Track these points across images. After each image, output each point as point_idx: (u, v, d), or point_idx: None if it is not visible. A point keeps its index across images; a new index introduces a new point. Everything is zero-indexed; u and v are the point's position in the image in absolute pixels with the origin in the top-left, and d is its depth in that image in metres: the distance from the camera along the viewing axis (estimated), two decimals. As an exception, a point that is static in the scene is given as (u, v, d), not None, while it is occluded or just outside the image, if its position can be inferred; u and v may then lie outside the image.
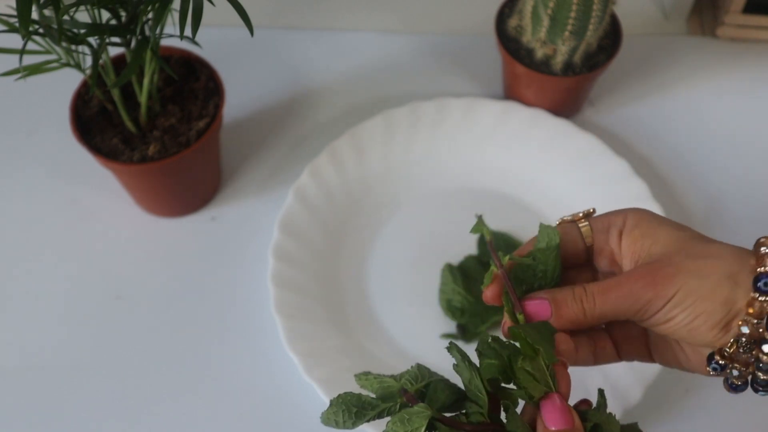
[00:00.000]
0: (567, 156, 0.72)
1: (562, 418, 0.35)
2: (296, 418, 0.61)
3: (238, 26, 0.51)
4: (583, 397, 0.40)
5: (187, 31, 0.48)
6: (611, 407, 0.58)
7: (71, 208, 0.71)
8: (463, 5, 0.86)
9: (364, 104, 0.78)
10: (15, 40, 0.52)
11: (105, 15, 0.55)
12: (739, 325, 0.36)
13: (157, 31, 0.54)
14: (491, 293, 0.41)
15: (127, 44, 0.57)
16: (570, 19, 0.65)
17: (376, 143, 0.73)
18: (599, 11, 0.65)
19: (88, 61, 0.67)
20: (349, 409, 0.38)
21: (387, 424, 0.36)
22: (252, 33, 0.50)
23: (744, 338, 0.36)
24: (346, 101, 0.79)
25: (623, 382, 0.59)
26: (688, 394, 0.62)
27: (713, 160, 0.75)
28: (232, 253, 0.69)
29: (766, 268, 0.35)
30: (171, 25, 0.74)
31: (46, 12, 0.51)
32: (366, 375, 0.39)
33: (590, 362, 0.43)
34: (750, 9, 0.79)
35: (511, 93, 0.76)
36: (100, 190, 0.72)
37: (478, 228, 0.42)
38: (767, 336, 0.35)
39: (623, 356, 0.44)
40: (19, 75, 0.54)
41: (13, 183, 0.73)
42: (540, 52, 0.71)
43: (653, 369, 0.59)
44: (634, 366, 0.60)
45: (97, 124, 0.64)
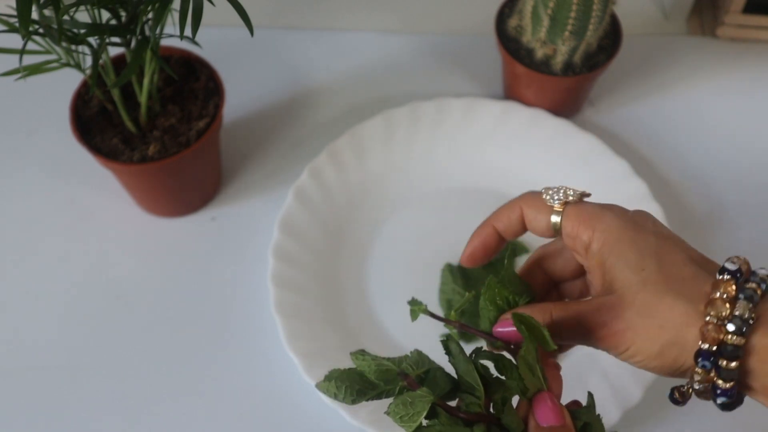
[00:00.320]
0: (567, 156, 0.72)
1: (554, 416, 0.36)
2: (296, 418, 0.61)
3: (238, 26, 0.51)
4: (579, 397, 0.40)
5: (187, 31, 0.48)
6: (611, 407, 0.58)
7: (71, 208, 0.71)
8: (463, 5, 0.86)
9: (364, 104, 0.78)
10: (15, 40, 0.52)
11: (105, 15, 0.55)
12: (689, 379, 0.37)
13: (157, 31, 0.54)
14: (470, 253, 0.44)
15: (127, 44, 0.57)
16: (570, 19, 0.65)
17: (376, 143, 0.73)
18: (599, 11, 0.65)
19: (88, 61, 0.67)
20: (351, 386, 0.38)
21: (389, 406, 0.37)
22: (252, 33, 0.50)
23: (697, 386, 0.37)
24: (346, 101, 0.79)
25: (623, 382, 0.59)
26: (688, 394, 0.62)
27: (713, 160, 0.75)
28: (232, 253, 0.69)
29: (704, 345, 0.35)
30: (171, 25, 0.74)
31: (46, 12, 0.51)
32: (362, 354, 0.39)
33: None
34: (750, 9, 0.79)
35: (511, 93, 0.76)
36: (100, 190, 0.72)
37: (415, 313, 0.43)
38: (718, 385, 0.36)
39: None
40: (19, 75, 0.54)
41: (13, 183, 0.73)
42: (540, 52, 0.71)
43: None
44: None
45: (97, 124, 0.64)
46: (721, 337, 0.34)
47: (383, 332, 0.65)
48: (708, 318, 0.35)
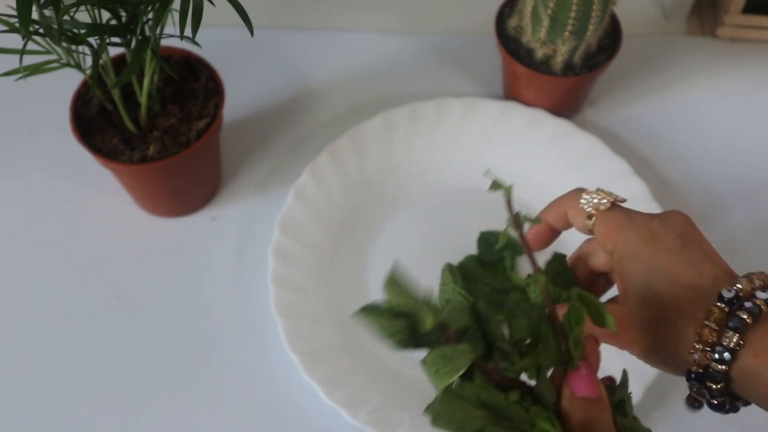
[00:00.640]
0: (567, 156, 0.72)
1: (590, 387, 0.35)
2: (296, 418, 0.61)
3: (238, 26, 0.51)
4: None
5: (187, 31, 0.48)
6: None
7: (71, 208, 0.71)
8: (463, 5, 0.86)
9: (364, 104, 0.78)
10: (15, 40, 0.52)
11: (105, 15, 0.55)
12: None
13: (157, 31, 0.54)
14: (534, 234, 0.47)
15: (127, 44, 0.57)
16: (570, 19, 0.65)
17: (376, 143, 0.73)
18: (599, 11, 0.65)
19: (88, 61, 0.67)
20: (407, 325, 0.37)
21: (427, 356, 0.35)
22: (252, 33, 0.50)
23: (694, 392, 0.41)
24: (346, 101, 0.79)
25: (623, 382, 0.59)
26: (688, 394, 0.62)
27: (713, 160, 0.75)
28: (232, 253, 0.69)
29: (692, 368, 0.38)
30: (171, 25, 0.74)
31: (46, 12, 0.51)
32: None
33: None
34: (750, 9, 0.79)
35: (511, 93, 0.76)
36: (100, 190, 0.72)
37: (497, 185, 0.39)
38: (709, 399, 0.40)
39: None
40: (19, 75, 0.54)
41: (13, 183, 0.73)
42: (540, 52, 0.71)
43: (653, 369, 0.59)
44: (634, 366, 0.59)
45: (97, 124, 0.64)
46: (707, 363, 0.37)
47: (383, 332, 0.65)
48: (696, 345, 0.38)
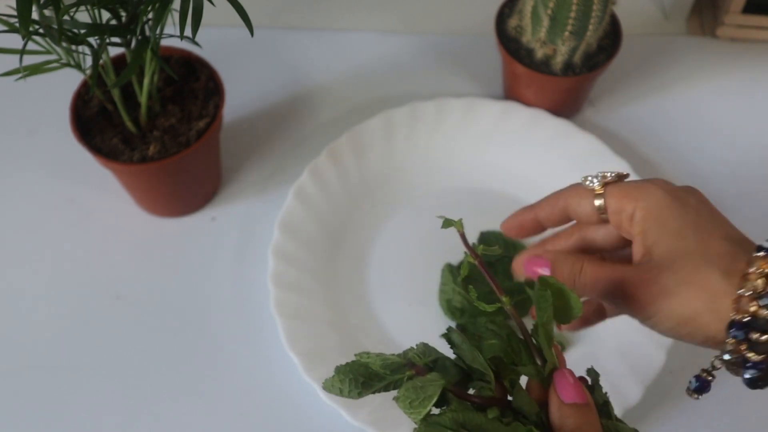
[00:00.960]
0: (567, 156, 0.72)
1: (577, 393, 0.36)
2: (296, 418, 0.61)
3: (238, 26, 0.51)
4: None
5: (187, 31, 0.48)
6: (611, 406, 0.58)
7: (71, 208, 0.71)
8: (463, 5, 0.86)
9: (364, 104, 0.78)
10: (15, 40, 0.52)
11: (105, 15, 0.55)
12: (721, 350, 0.37)
13: (157, 31, 0.54)
14: (508, 225, 0.46)
15: (127, 44, 0.57)
16: (570, 19, 0.65)
17: (376, 143, 0.73)
18: (599, 11, 0.65)
19: (88, 61, 0.67)
20: (356, 378, 0.36)
21: (399, 392, 0.35)
22: (252, 33, 0.50)
23: (725, 357, 0.38)
24: (346, 101, 0.79)
25: (623, 382, 0.59)
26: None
27: (713, 160, 0.75)
28: (232, 253, 0.69)
29: (737, 316, 0.36)
30: (171, 25, 0.74)
31: (46, 12, 0.51)
32: (366, 353, 0.37)
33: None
34: (750, 9, 0.79)
35: (511, 93, 0.76)
36: (100, 190, 0.72)
37: (448, 223, 0.42)
38: (748, 358, 0.36)
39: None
40: (19, 75, 0.54)
41: (13, 183, 0.73)
42: (540, 52, 0.71)
43: (653, 369, 0.60)
44: (634, 366, 0.60)
45: (97, 124, 0.64)
46: (754, 310, 0.35)
47: (383, 332, 0.65)
48: (741, 291, 0.36)
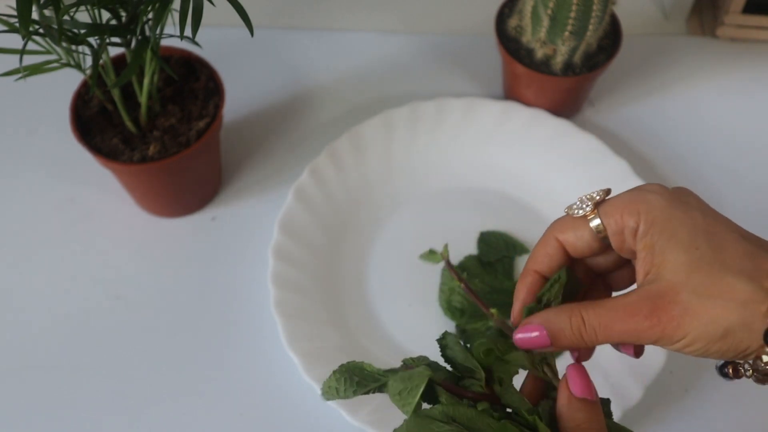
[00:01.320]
0: (567, 156, 0.72)
1: (588, 389, 0.35)
2: (296, 418, 0.61)
3: (238, 26, 0.51)
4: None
5: (187, 31, 0.48)
6: (611, 407, 0.58)
7: (71, 208, 0.71)
8: (463, 5, 0.86)
9: (364, 104, 0.78)
10: (15, 40, 0.52)
11: (105, 15, 0.55)
12: (753, 360, 0.34)
13: (157, 31, 0.54)
14: (518, 304, 0.40)
15: (127, 44, 0.57)
16: (570, 19, 0.65)
17: (376, 143, 0.73)
18: (599, 11, 0.65)
19: (88, 61, 0.67)
20: (351, 377, 0.37)
21: (388, 383, 0.36)
22: (252, 33, 0.50)
23: (757, 370, 0.35)
24: (346, 101, 0.79)
25: (623, 382, 0.59)
26: (688, 394, 0.62)
27: (713, 160, 0.75)
28: (232, 253, 0.69)
29: None
30: (171, 25, 0.74)
31: (47, 12, 0.51)
32: (369, 364, 0.39)
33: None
34: (750, 9, 0.79)
35: (511, 93, 0.76)
36: (100, 190, 0.72)
37: (432, 257, 0.42)
38: None
39: None
40: (19, 75, 0.54)
41: (13, 183, 0.73)
42: (540, 52, 0.71)
43: (653, 369, 0.60)
44: (634, 366, 0.60)
45: (97, 124, 0.64)
46: None
47: (383, 332, 0.65)
48: None
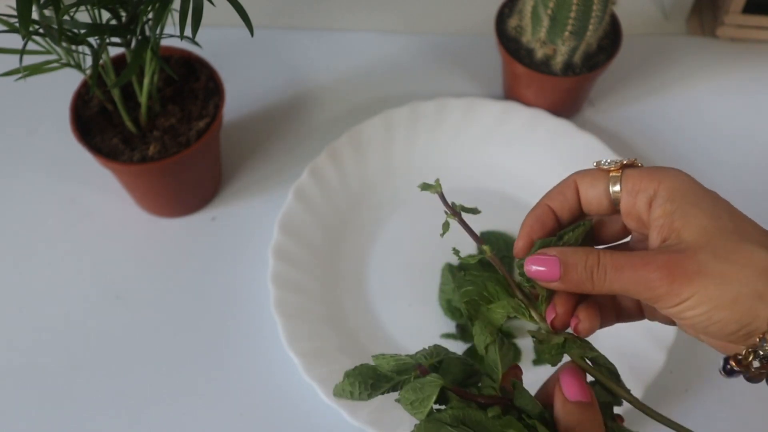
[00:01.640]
0: (567, 156, 0.72)
1: (582, 391, 0.35)
2: (296, 418, 0.61)
3: (238, 26, 0.51)
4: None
5: (187, 31, 0.48)
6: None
7: (71, 208, 0.71)
8: (463, 5, 0.86)
9: (364, 104, 0.78)
10: (15, 40, 0.52)
11: (105, 15, 0.55)
12: (759, 340, 0.33)
13: (157, 31, 0.54)
14: (526, 227, 0.40)
15: (127, 44, 0.57)
16: (570, 19, 0.65)
17: (376, 143, 0.73)
18: (599, 11, 0.65)
19: (88, 61, 0.67)
20: (365, 380, 0.38)
21: (399, 393, 0.37)
22: (252, 33, 0.50)
23: (762, 352, 0.33)
24: (346, 101, 0.79)
25: (623, 382, 0.59)
26: (687, 394, 0.62)
27: (713, 160, 0.75)
28: (232, 253, 0.69)
29: None
30: (171, 25, 0.74)
31: (47, 12, 0.51)
32: (382, 355, 0.39)
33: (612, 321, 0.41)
34: (750, 9, 0.79)
35: (511, 93, 0.76)
36: (100, 190, 0.72)
37: (426, 186, 0.42)
38: None
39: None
40: (19, 75, 0.54)
41: (13, 183, 0.73)
42: (540, 52, 0.71)
43: (653, 369, 0.60)
44: (635, 366, 0.60)
45: (97, 124, 0.64)
46: None
47: (383, 332, 0.65)
48: None
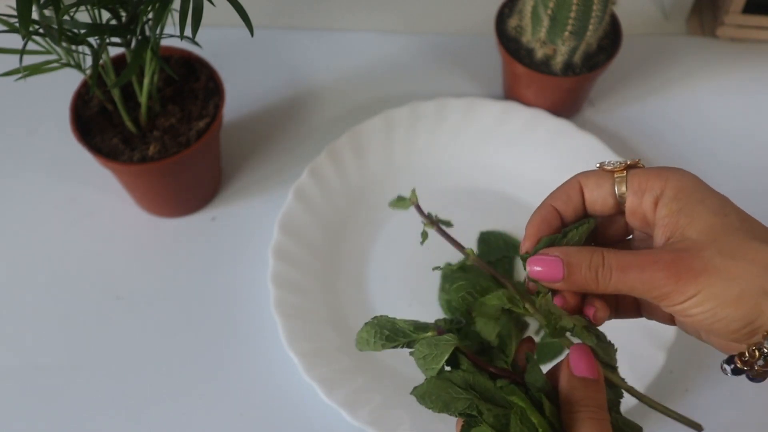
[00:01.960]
0: (567, 156, 0.72)
1: (589, 368, 0.35)
2: (296, 418, 0.61)
3: (238, 26, 0.51)
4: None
5: (187, 31, 0.48)
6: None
7: (71, 208, 0.71)
8: (463, 5, 0.86)
9: (364, 104, 0.78)
10: (15, 40, 0.52)
11: (105, 15, 0.55)
12: (764, 336, 0.33)
13: (157, 31, 0.54)
14: (531, 227, 0.40)
15: (127, 44, 0.57)
16: (570, 19, 0.65)
17: (376, 143, 0.73)
18: (599, 11, 0.65)
19: (88, 61, 0.67)
20: (381, 331, 0.38)
21: (415, 346, 0.37)
22: (252, 33, 0.50)
23: (766, 350, 0.33)
24: (346, 101, 0.79)
25: (623, 382, 0.59)
26: (688, 394, 0.62)
27: (713, 160, 0.75)
28: (232, 253, 0.69)
29: None
30: (171, 25, 0.74)
31: (47, 12, 0.51)
32: (404, 319, 0.39)
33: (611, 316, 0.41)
34: (750, 9, 0.79)
35: (511, 93, 0.76)
36: (100, 190, 0.72)
37: (400, 203, 0.43)
38: None
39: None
40: (19, 75, 0.54)
41: (13, 183, 0.73)
42: (540, 52, 0.71)
43: (653, 369, 0.60)
44: (635, 366, 0.60)
45: (97, 124, 0.64)
46: None
47: (383, 332, 0.65)
48: None
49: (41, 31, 0.52)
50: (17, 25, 0.46)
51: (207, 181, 0.70)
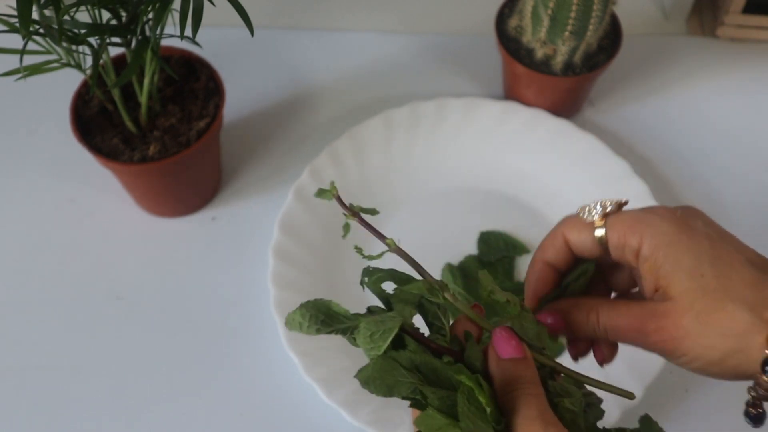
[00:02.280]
0: (567, 156, 0.72)
1: (513, 349, 0.36)
2: (296, 418, 0.61)
3: (238, 26, 0.51)
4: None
5: (188, 32, 0.48)
6: (611, 407, 0.58)
7: (71, 208, 0.71)
8: (463, 5, 0.86)
9: (364, 104, 0.78)
10: (15, 40, 0.52)
11: (105, 15, 0.55)
12: (753, 387, 0.36)
13: (158, 31, 0.54)
14: (530, 290, 0.42)
15: (127, 44, 0.57)
16: (570, 19, 0.65)
17: (376, 143, 0.73)
18: (599, 11, 0.65)
19: (89, 61, 0.67)
20: (316, 315, 0.37)
21: (359, 326, 0.36)
22: (252, 33, 0.50)
23: (758, 394, 0.36)
24: (346, 101, 0.79)
25: (623, 382, 0.59)
26: (688, 394, 0.62)
27: (713, 160, 0.75)
28: (232, 253, 0.69)
29: None
30: (171, 25, 0.74)
31: (47, 12, 0.51)
32: (336, 304, 0.38)
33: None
34: (750, 9, 0.79)
35: (511, 93, 0.76)
36: (100, 190, 0.72)
37: (322, 193, 0.42)
38: None
39: None
40: (19, 75, 0.54)
41: (13, 183, 0.73)
42: (540, 52, 0.71)
43: (653, 369, 0.59)
44: (634, 366, 0.60)
45: (97, 124, 0.64)
46: None
47: (383, 332, 0.65)
48: None
49: (41, 31, 0.52)
50: (17, 25, 0.46)
51: (207, 181, 0.70)
